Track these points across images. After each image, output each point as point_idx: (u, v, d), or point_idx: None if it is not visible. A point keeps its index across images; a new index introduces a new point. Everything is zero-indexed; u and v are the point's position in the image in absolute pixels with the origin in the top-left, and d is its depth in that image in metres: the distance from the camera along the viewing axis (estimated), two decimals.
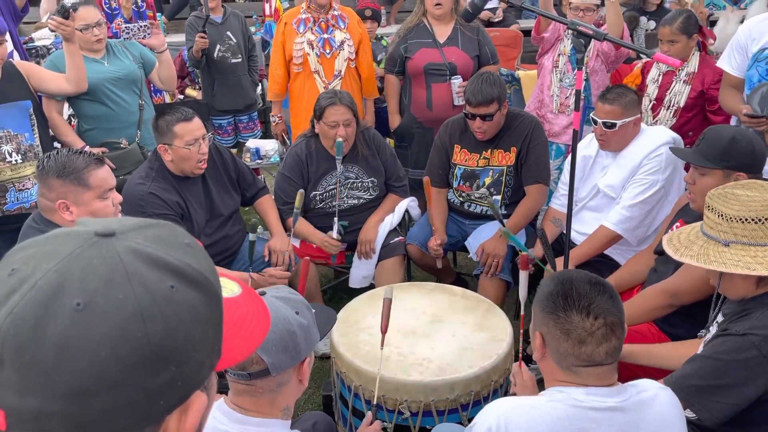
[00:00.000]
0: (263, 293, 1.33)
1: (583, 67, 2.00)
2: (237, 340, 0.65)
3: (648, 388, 1.31)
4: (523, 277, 2.04)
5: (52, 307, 0.49)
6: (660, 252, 2.22)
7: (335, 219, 2.86)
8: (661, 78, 3.18)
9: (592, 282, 1.28)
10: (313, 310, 1.38)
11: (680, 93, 3.11)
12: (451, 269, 3.34)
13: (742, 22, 4.26)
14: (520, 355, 1.91)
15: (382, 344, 1.89)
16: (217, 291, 0.59)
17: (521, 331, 2.05)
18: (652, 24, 5.05)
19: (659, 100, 3.17)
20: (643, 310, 2.06)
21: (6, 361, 0.49)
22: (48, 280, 0.50)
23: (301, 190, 2.74)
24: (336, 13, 3.54)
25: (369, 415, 1.76)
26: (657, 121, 3.14)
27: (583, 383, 1.26)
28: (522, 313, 2.05)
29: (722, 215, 1.50)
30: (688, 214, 2.11)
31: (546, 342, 1.29)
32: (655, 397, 1.29)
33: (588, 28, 1.91)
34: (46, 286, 0.50)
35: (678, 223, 2.15)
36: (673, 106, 3.13)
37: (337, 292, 3.36)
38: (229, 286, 0.71)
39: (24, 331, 0.49)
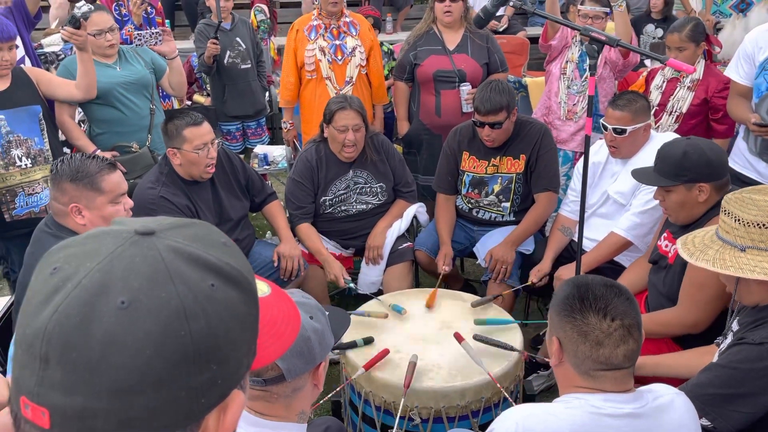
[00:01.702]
0: None
1: (596, 73, 2.01)
2: (270, 339, 0.65)
3: (664, 393, 1.30)
4: (466, 345, 2.08)
5: (96, 305, 0.50)
6: (653, 261, 2.23)
7: (350, 278, 2.86)
8: (665, 85, 3.19)
9: (608, 285, 1.28)
10: (327, 313, 1.37)
11: (683, 99, 3.11)
12: (460, 275, 3.33)
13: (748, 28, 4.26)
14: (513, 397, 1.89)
15: (404, 395, 1.90)
16: (254, 289, 0.59)
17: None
18: (660, 32, 5.05)
19: (662, 106, 3.17)
20: (659, 336, 2.06)
21: (51, 359, 0.49)
22: (92, 279, 0.51)
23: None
24: (347, 20, 3.56)
25: None
26: (659, 126, 3.14)
27: (600, 388, 1.25)
28: (489, 372, 1.97)
29: (739, 220, 1.49)
30: (673, 225, 2.12)
31: (563, 346, 1.28)
32: (672, 403, 1.29)
33: (601, 34, 1.91)
34: (90, 284, 0.50)
35: (665, 234, 2.17)
36: (675, 111, 3.13)
37: (344, 298, 3.36)
38: (259, 285, 0.71)
39: (69, 330, 0.49)
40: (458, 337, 2.12)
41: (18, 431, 0.53)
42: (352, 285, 2.81)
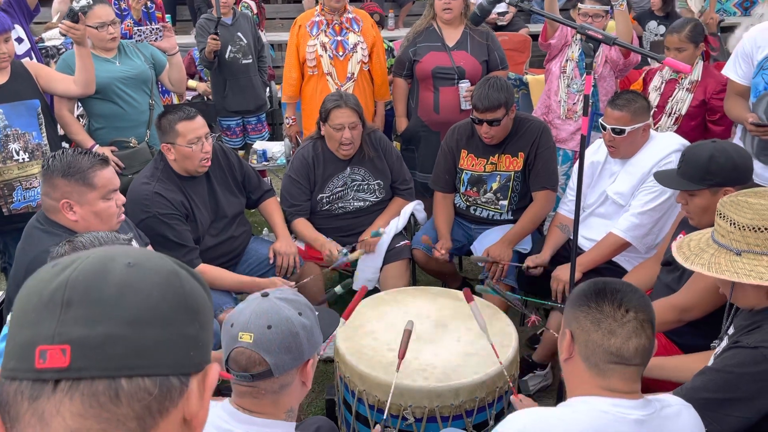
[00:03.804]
0: (266, 294, 1.32)
1: (593, 72, 1.99)
2: None
3: (672, 404, 1.30)
4: (474, 308, 2.06)
5: (108, 265, 0.59)
6: (666, 263, 2.21)
7: (345, 249, 2.84)
8: (663, 86, 3.17)
9: (625, 283, 1.31)
10: (317, 313, 1.37)
11: (682, 100, 3.10)
12: (457, 274, 3.32)
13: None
14: (515, 389, 1.89)
15: (398, 368, 1.89)
16: (210, 295, 0.67)
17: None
18: (662, 29, 5.01)
19: (660, 108, 3.15)
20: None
21: (74, 301, 0.57)
22: (98, 254, 0.61)
23: (349, 280, 2.66)
24: (350, 16, 3.54)
25: (377, 428, 1.75)
26: (658, 128, 3.12)
27: (607, 386, 1.24)
28: (491, 342, 2.01)
29: (734, 223, 1.47)
30: (690, 226, 2.10)
31: (575, 338, 1.27)
32: (679, 413, 1.28)
33: (597, 32, 1.89)
34: (97, 256, 0.60)
35: (681, 235, 2.14)
36: (674, 113, 3.12)
37: (341, 295, 3.34)
38: None
39: (90, 277, 0.58)
40: (467, 296, 2.11)
41: (6, 414, 0.56)
42: (347, 257, 2.81)
